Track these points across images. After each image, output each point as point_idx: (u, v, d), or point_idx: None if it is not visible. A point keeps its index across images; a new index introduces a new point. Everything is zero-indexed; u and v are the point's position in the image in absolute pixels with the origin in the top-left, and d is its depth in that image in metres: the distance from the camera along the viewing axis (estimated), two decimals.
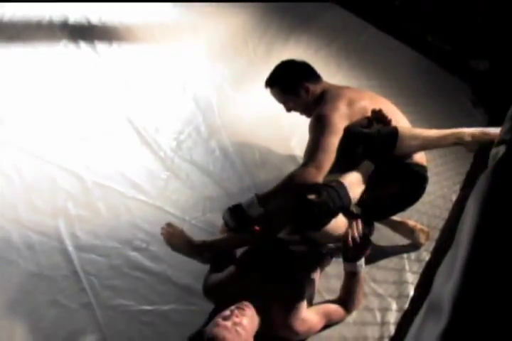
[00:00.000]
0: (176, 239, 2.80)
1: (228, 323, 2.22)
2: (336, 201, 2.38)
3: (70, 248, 2.93)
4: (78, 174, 3.20)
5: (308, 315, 2.48)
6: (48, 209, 3.05)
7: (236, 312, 2.28)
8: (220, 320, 2.25)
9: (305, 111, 2.91)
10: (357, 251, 2.54)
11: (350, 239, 2.51)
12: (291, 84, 2.84)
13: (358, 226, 2.55)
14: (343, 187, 2.46)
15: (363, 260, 2.59)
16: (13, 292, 2.76)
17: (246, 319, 2.28)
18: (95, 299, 2.80)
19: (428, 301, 1.84)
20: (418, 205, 3.35)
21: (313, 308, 2.57)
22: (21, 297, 2.76)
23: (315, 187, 2.40)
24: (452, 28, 4.27)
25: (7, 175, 3.13)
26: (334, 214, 2.45)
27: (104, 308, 2.78)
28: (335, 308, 2.63)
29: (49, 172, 3.18)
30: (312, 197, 2.33)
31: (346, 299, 2.65)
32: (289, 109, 2.96)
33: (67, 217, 3.04)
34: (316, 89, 2.85)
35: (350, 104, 2.68)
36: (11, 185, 3.10)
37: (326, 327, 2.62)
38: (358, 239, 2.52)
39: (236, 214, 2.56)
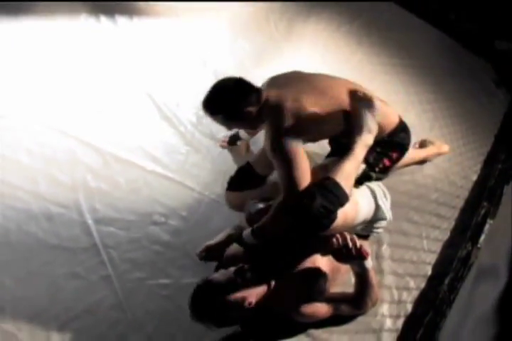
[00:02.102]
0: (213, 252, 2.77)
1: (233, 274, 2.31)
2: (333, 200, 2.35)
3: (90, 221, 2.94)
4: (98, 148, 3.19)
5: (318, 302, 2.48)
6: (67, 182, 3.06)
7: (244, 267, 2.35)
8: (225, 271, 2.34)
9: (249, 128, 2.83)
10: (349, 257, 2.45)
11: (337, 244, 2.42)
12: (234, 112, 2.58)
13: (350, 239, 2.42)
14: (336, 184, 2.40)
15: (369, 261, 2.48)
16: (33, 263, 2.78)
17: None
18: (114, 272, 2.82)
19: (476, 268, 1.86)
20: (439, 185, 3.35)
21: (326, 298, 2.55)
22: (41, 268, 2.78)
23: (308, 192, 2.36)
24: (476, 8, 4.20)
25: (28, 148, 3.14)
26: (335, 213, 2.43)
27: (123, 281, 2.81)
28: (345, 303, 2.57)
29: (69, 146, 3.18)
30: (307, 201, 2.31)
31: (357, 298, 2.59)
32: (231, 129, 2.88)
33: (87, 190, 3.05)
34: (257, 107, 2.57)
35: (297, 115, 2.47)
36: (32, 158, 3.10)
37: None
38: (349, 247, 2.41)
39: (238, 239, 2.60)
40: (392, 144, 2.80)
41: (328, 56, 3.91)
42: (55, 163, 3.11)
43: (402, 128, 2.82)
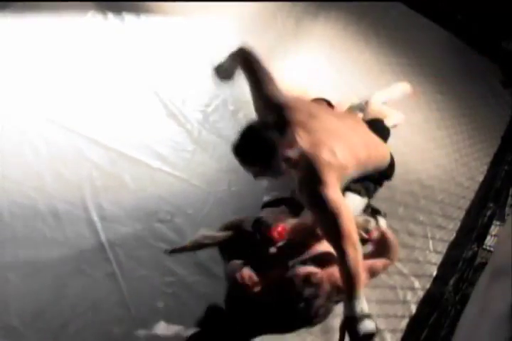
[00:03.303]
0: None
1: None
2: None
3: (96, 218, 2.94)
4: (104, 145, 3.19)
5: None
6: (73, 179, 3.06)
7: None
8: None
9: (280, 176, 2.51)
10: None
11: None
12: (271, 161, 2.31)
13: None
14: None
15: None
16: (38, 260, 2.78)
17: None
18: (119, 269, 2.82)
19: (491, 268, 1.86)
20: (445, 185, 3.35)
21: None
22: (47, 265, 2.78)
23: None
24: (484, 9, 4.20)
25: (34, 144, 3.14)
26: None
27: (128, 278, 2.81)
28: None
29: (75, 143, 3.18)
30: None
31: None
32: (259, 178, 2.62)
33: (93, 187, 3.05)
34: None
35: (332, 167, 2.31)
36: (38, 155, 3.10)
37: None
38: None
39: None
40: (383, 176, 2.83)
41: (335, 55, 3.91)
42: (61, 160, 3.11)
43: (391, 163, 2.82)
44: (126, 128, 3.30)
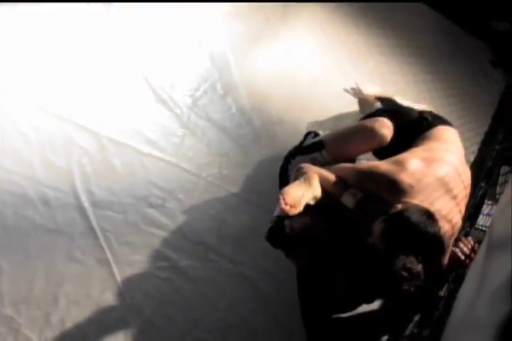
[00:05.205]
0: None
1: None
2: None
3: (86, 204, 2.93)
4: (94, 131, 3.16)
5: None
6: (63, 165, 3.04)
7: None
8: None
9: None
10: None
11: None
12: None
13: None
14: None
15: None
16: (30, 248, 2.77)
17: None
18: (112, 255, 2.82)
19: (488, 242, 1.86)
20: None
21: None
22: (38, 253, 2.77)
23: None
24: None
25: (23, 131, 3.11)
26: None
27: (121, 264, 2.81)
28: None
29: (65, 129, 3.15)
30: None
31: None
32: None
33: (83, 173, 3.03)
34: None
35: None
36: (27, 142, 3.08)
37: None
38: None
39: None
40: None
41: (324, 38, 3.89)
42: (50, 147, 3.08)
43: None
44: (115, 114, 3.26)
